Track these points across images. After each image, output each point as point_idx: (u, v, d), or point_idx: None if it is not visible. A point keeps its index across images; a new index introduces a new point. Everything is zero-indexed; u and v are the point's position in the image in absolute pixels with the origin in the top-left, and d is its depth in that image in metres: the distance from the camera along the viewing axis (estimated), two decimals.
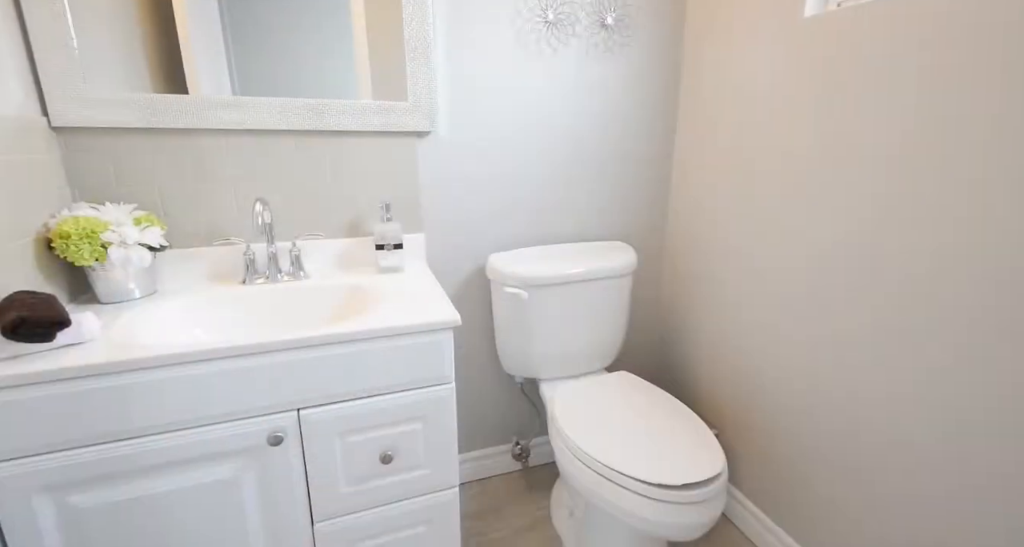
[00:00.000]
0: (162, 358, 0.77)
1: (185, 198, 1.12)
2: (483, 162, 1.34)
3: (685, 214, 1.51)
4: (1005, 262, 0.77)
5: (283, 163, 1.17)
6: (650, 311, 1.68)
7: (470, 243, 1.40)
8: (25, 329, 0.73)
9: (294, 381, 0.86)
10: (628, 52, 1.38)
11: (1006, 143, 0.76)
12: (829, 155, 1.04)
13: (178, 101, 1.05)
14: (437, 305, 0.99)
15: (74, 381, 0.74)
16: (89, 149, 1.03)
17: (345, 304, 1.12)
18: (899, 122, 0.90)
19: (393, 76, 1.20)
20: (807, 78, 1.07)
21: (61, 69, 0.97)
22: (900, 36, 0.88)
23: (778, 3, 1.12)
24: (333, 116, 1.16)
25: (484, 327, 1.49)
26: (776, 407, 1.24)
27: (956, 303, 0.84)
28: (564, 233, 1.49)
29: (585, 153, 1.43)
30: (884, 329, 0.97)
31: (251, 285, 1.11)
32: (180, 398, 0.80)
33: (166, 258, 1.10)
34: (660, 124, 1.49)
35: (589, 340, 1.41)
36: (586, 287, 1.35)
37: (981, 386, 0.82)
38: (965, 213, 0.82)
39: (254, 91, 1.11)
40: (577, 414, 1.21)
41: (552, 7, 1.27)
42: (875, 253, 0.97)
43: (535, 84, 1.33)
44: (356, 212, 1.26)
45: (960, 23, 0.80)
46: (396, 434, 0.96)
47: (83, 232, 0.91)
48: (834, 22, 1.00)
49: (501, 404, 1.59)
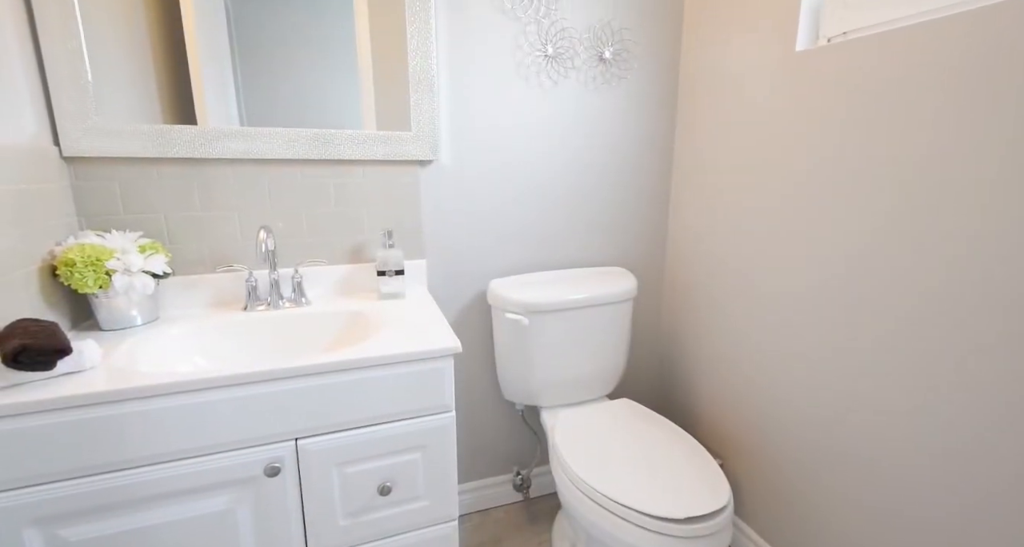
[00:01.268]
0: (160, 387, 0.77)
1: (190, 226, 1.13)
2: (485, 190, 1.36)
3: (684, 239, 1.52)
4: (1005, 286, 0.78)
5: (288, 191, 1.19)
6: (651, 337, 1.68)
7: (471, 269, 1.41)
8: (26, 357, 0.73)
9: (293, 410, 0.86)
10: (626, 84, 1.42)
11: (984, 175, 0.77)
12: (825, 181, 1.06)
13: (187, 132, 1.08)
14: (438, 332, 0.99)
15: (72, 410, 0.74)
16: (98, 178, 1.05)
17: (346, 331, 1.12)
18: (888, 149, 0.92)
19: (397, 107, 1.23)
20: (802, 109, 1.10)
21: (75, 102, 0.99)
22: (884, 71, 0.91)
23: (771, 38, 1.16)
24: (338, 145, 1.19)
25: (485, 354, 1.48)
26: (783, 435, 1.22)
27: (958, 323, 0.84)
28: (564, 259, 1.50)
29: (585, 181, 1.45)
30: (888, 351, 0.96)
31: (252, 312, 1.12)
32: (178, 427, 0.80)
33: (169, 285, 1.11)
34: (658, 152, 1.51)
35: (590, 366, 1.40)
36: (587, 313, 1.35)
37: (991, 410, 0.81)
38: (965, 235, 0.83)
39: (261, 121, 1.14)
40: (579, 443, 1.20)
41: (551, 42, 1.31)
42: (874, 277, 0.97)
43: (535, 115, 1.36)
44: (359, 239, 1.27)
45: (935, 61, 0.82)
46: (395, 464, 0.95)
47: (88, 260, 0.92)
48: (824, 57, 1.03)
49: (502, 433, 1.57)
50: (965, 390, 0.84)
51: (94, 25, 0.99)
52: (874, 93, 0.94)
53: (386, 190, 1.27)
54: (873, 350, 0.99)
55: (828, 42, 1.07)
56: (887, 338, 0.96)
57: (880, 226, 0.95)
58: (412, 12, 1.18)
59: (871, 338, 0.99)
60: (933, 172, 0.86)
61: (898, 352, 0.94)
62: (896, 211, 0.92)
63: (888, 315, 0.96)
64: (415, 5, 1.17)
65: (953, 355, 0.85)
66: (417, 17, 1.18)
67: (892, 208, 0.93)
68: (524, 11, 1.28)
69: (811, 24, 1.10)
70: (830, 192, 1.05)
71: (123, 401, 0.76)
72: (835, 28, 1.05)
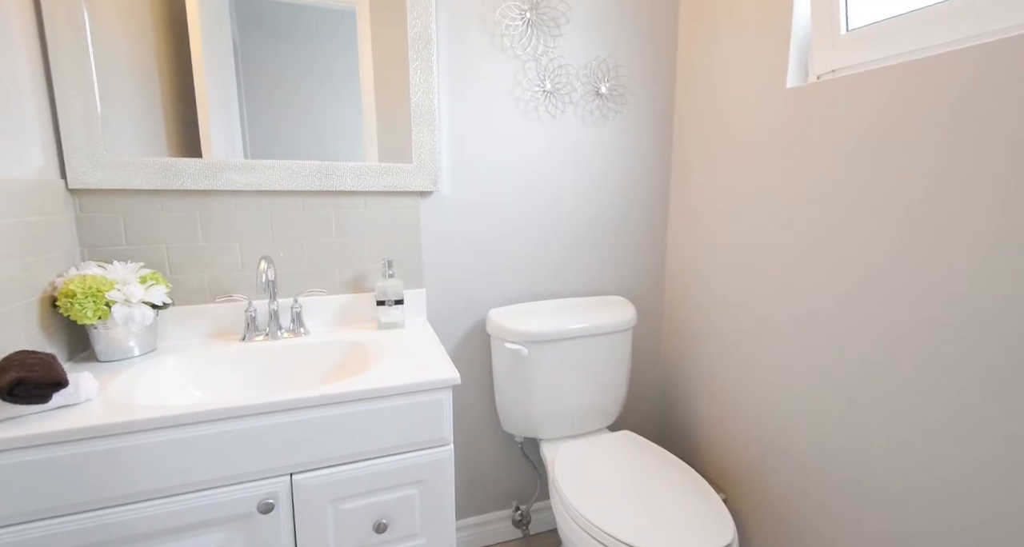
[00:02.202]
0: (155, 421, 0.76)
1: (192, 256, 1.14)
2: (484, 220, 1.38)
3: (681, 269, 1.53)
4: (1001, 318, 0.78)
5: (290, 221, 1.20)
6: (651, 367, 1.67)
7: (471, 298, 1.41)
8: (21, 390, 0.72)
9: (288, 444, 0.84)
10: (622, 118, 1.46)
11: (978, 209, 0.78)
12: (821, 214, 1.07)
13: (192, 164, 1.10)
14: (436, 363, 0.99)
15: (65, 445, 0.73)
16: (102, 209, 1.07)
17: (344, 361, 1.11)
18: (881, 184, 0.93)
19: (399, 139, 1.25)
20: (795, 143, 1.12)
21: (84, 136, 1.02)
22: (873, 108, 0.94)
23: (762, 75, 1.19)
24: (340, 177, 1.21)
25: (483, 385, 1.47)
26: (788, 467, 1.20)
27: (959, 351, 0.84)
28: (563, 288, 1.50)
29: (583, 211, 1.47)
30: (890, 379, 0.95)
31: (250, 342, 1.11)
32: (172, 462, 0.78)
33: (168, 315, 1.11)
34: (654, 183, 1.54)
35: (590, 397, 1.39)
36: (587, 343, 1.34)
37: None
38: (963, 267, 0.83)
39: (265, 153, 1.16)
40: (579, 477, 1.17)
41: (549, 78, 1.35)
42: (873, 307, 0.97)
43: (534, 147, 1.39)
44: (359, 268, 1.28)
45: (921, 100, 0.85)
46: (391, 501, 0.93)
47: (89, 291, 0.92)
48: (815, 93, 1.06)
49: (500, 466, 1.54)
50: (967, 417, 0.84)
51: (106, 61, 1.02)
52: (863, 130, 0.96)
53: (387, 220, 1.28)
54: (875, 378, 0.98)
55: (818, 79, 1.10)
56: (889, 366, 0.95)
57: (878, 256, 0.96)
58: (415, 49, 1.22)
59: (873, 366, 0.98)
60: (927, 207, 0.87)
61: (901, 379, 0.94)
62: (892, 243, 0.93)
63: (887, 344, 0.95)
64: (418, 42, 1.21)
65: (954, 384, 0.85)
66: (420, 54, 1.22)
67: (888, 240, 0.94)
68: (523, 49, 1.32)
69: (801, 61, 1.13)
70: (827, 224, 1.06)
71: (117, 435, 0.75)
72: (824, 66, 1.08)
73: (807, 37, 1.12)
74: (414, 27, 1.21)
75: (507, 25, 1.29)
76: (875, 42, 0.98)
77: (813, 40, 1.10)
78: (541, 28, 1.32)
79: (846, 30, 1.04)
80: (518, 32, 1.31)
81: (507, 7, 1.28)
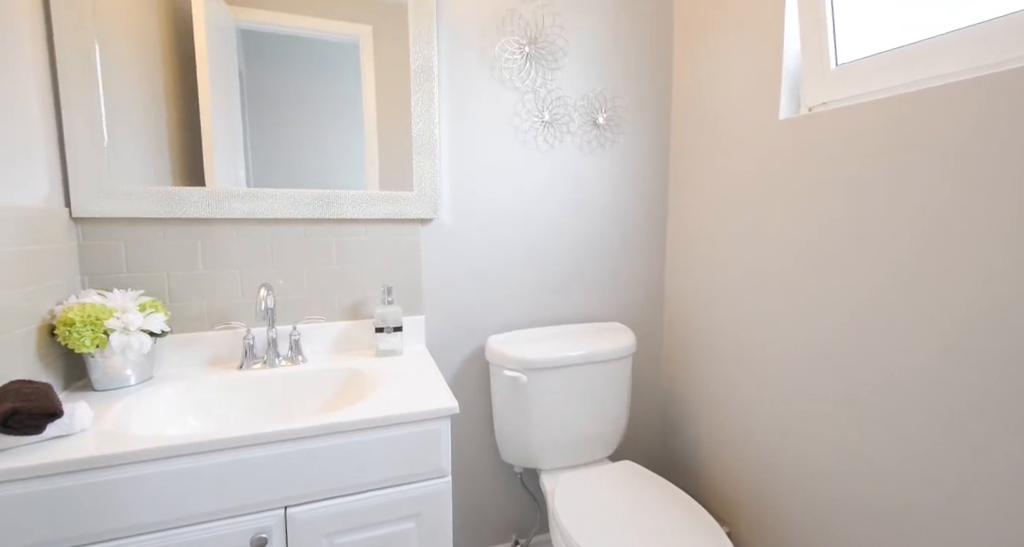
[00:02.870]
0: (147, 452, 0.75)
1: (192, 283, 1.14)
2: (484, 247, 1.39)
3: (680, 296, 1.53)
4: (1001, 344, 0.78)
5: (291, 249, 1.21)
6: (651, 395, 1.65)
7: (470, 325, 1.41)
8: (15, 421, 0.72)
9: (283, 475, 0.83)
10: (619, 147, 1.48)
11: (972, 238, 0.79)
12: (817, 243, 1.08)
13: (195, 193, 1.11)
14: (434, 391, 0.98)
15: (54, 478, 0.72)
16: (105, 238, 1.08)
17: (341, 389, 1.10)
18: (873, 213, 0.95)
19: (400, 168, 1.27)
20: (788, 173, 1.14)
21: (90, 165, 1.03)
22: (864, 140, 0.96)
23: (756, 107, 1.22)
24: (342, 205, 1.22)
25: (482, 413, 1.45)
26: (793, 493, 1.18)
27: (959, 377, 0.84)
28: (562, 314, 1.50)
29: (582, 238, 1.48)
30: (896, 404, 0.95)
31: (248, 370, 1.11)
32: (165, 495, 0.77)
33: (166, 343, 1.11)
34: (652, 211, 1.56)
35: (590, 425, 1.37)
36: (586, 370, 1.34)
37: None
38: (962, 294, 0.84)
39: (268, 181, 1.18)
40: (580, 510, 1.15)
41: (548, 109, 1.39)
42: (873, 334, 0.97)
43: (533, 176, 1.41)
44: (359, 295, 1.28)
45: (907, 131, 0.87)
46: (388, 535, 0.91)
47: (88, 319, 0.92)
48: (807, 125, 1.09)
49: (500, 498, 1.51)
50: (969, 440, 0.83)
51: (114, 91, 1.04)
52: (854, 159, 0.98)
53: (387, 247, 1.29)
54: (877, 401, 0.97)
55: (810, 111, 1.13)
56: (891, 388, 0.95)
57: (876, 282, 0.96)
58: (417, 81, 1.25)
59: (875, 389, 0.98)
60: (925, 234, 0.88)
61: (903, 401, 0.93)
62: (890, 269, 0.94)
63: (889, 367, 0.95)
64: (420, 75, 1.25)
65: (954, 407, 0.84)
66: (421, 86, 1.25)
67: (886, 265, 0.95)
68: (522, 81, 1.35)
69: (793, 93, 1.16)
70: (826, 249, 1.07)
71: (109, 467, 0.74)
72: (815, 98, 1.11)
73: (798, 70, 1.15)
74: (416, 60, 1.24)
75: (507, 59, 1.33)
76: (863, 77, 1.01)
77: (803, 73, 1.13)
78: (539, 61, 1.36)
79: (835, 65, 1.07)
80: (517, 65, 1.34)
81: (507, 42, 1.32)
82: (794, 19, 1.13)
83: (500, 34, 1.32)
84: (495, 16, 1.31)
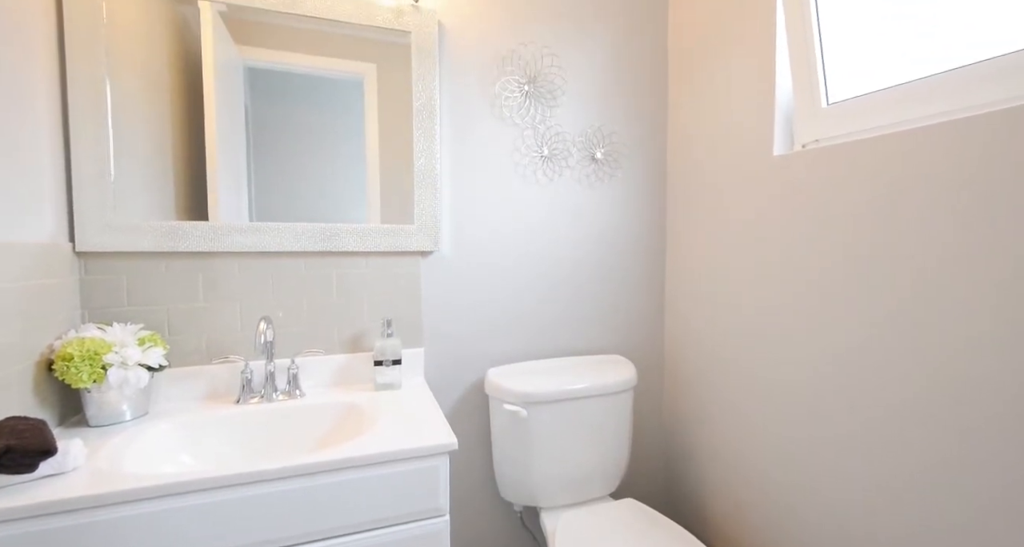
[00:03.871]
0: (137, 492, 0.74)
1: (192, 317, 1.14)
2: (484, 279, 1.39)
3: (680, 328, 1.53)
4: (998, 378, 0.77)
5: (291, 282, 1.22)
6: (653, 429, 1.62)
7: (469, 357, 1.40)
8: (8, 460, 0.71)
9: (276, 515, 0.81)
10: (617, 181, 1.51)
11: (967, 273, 0.80)
12: (813, 276, 1.08)
13: (199, 228, 1.13)
14: (432, 427, 0.97)
15: (48, 518, 0.70)
16: (107, 272, 1.08)
17: (338, 425, 1.09)
18: (870, 249, 0.96)
19: (401, 201, 1.29)
20: (784, 208, 1.15)
21: (96, 200, 1.05)
22: (857, 177, 0.98)
23: (750, 143, 1.25)
24: (343, 238, 1.23)
25: (481, 447, 1.43)
26: (799, 530, 1.14)
27: (958, 417, 0.83)
28: (562, 347, 1.49)
29: (581, 271, 1.49)
30: (897, 439, 0.93)
31: (245, 405, 1.10)
32: (155, 537, 0.75)
33: (163, 377, 1.10)
34: (650, 244, 1.57)
35: (592, 461, 1.35)
36: (587, 404, 1.32)
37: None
38: (962, 329, 0.84)
39: (270, 214, 1.19)
40: None
41: (547, 144, 1.42)
42: (874, 368, 0.97)
43: (533, 209, 1.43)
44: (358, 327, 1.28)
45: (899, 168, 0.88)
46: None
47: (86, 354, 0.92)
48: (800, 161, 1.11)
49: (499, 538, 1.46)
50: (970, 470, 0.82)
51: (123, 127, 1.06)
52: (848, 195, 1.00)
53: (387, 280, 1.30)
54: (880, 435, 0.96)
55: (803, 148, 1.15)
56: (893, 423, 0.93)
57: (876, 317, 0.96)
58: (419, 118, 1.28)
59: (878, 424, 0.96)
60: (924, 271, 0.89)
61: (908, 436, 0.92)
62: (888, 305, 0.94)
63: (891, 402, 0.94)
64: (422, 113, 1.28)
65: (955, 433, 0.83)
66: (423, 123, 1.28)
67: (883, 301, 0.95)
68: (522, 118, 1.39)
69: (786, 130, 1.19)
70: (825, 284, 1.07)
71: (101, 507, 0.72)
72: (808, 136, 1.14)
73: (791, 107, 1.18)
74: (419, 99, 1.28)
75: (507, 97, 1.37)
76: (854, 115, 1.03)
77: (795, 111, 1.16)
78: (539, 99, 1.40)
79: (826, 104, 1.10)
80: (517, 103, 1.38)
81: (507, 80, 1.36)
82: (785, 58, 1.17)
83: (500, 73, 1.36)
84: (495, 56, 1.36)
